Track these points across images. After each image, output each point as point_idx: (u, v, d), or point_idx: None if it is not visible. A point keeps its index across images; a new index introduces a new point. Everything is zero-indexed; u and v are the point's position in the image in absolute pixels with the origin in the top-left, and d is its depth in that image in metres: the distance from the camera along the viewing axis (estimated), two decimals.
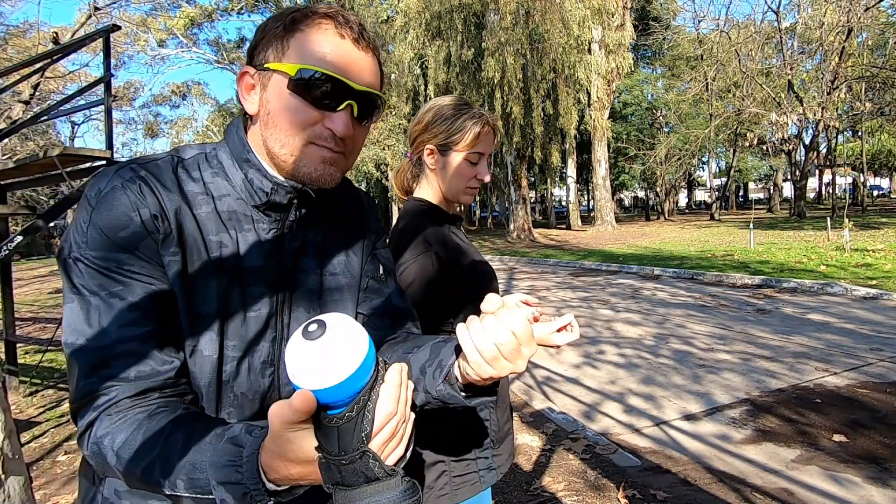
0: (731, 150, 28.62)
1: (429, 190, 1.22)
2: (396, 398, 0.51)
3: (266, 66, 0.68)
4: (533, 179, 32.49)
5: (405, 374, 0.54)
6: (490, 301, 0.61)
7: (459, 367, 0.65)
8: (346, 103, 0.68)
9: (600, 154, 22.52)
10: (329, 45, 0.67)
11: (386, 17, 23.14)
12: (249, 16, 27.02)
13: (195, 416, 0.62)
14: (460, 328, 0.61)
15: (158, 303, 0.64)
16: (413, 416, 0.56)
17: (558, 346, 1.02)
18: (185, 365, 0.67)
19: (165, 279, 0.66)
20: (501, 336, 0.58)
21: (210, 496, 0.54)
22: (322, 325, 0.46)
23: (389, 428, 0.51)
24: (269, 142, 0.70)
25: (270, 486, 0.52)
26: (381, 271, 0.88)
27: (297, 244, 0.76)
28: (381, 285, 0.87)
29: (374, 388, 0.49)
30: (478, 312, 1.18)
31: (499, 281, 1.36)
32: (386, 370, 0.51)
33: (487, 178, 1.21)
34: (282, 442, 0.49)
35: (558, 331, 1.01)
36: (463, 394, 0.67)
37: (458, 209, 1.31)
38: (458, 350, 0.65)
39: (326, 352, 0.45)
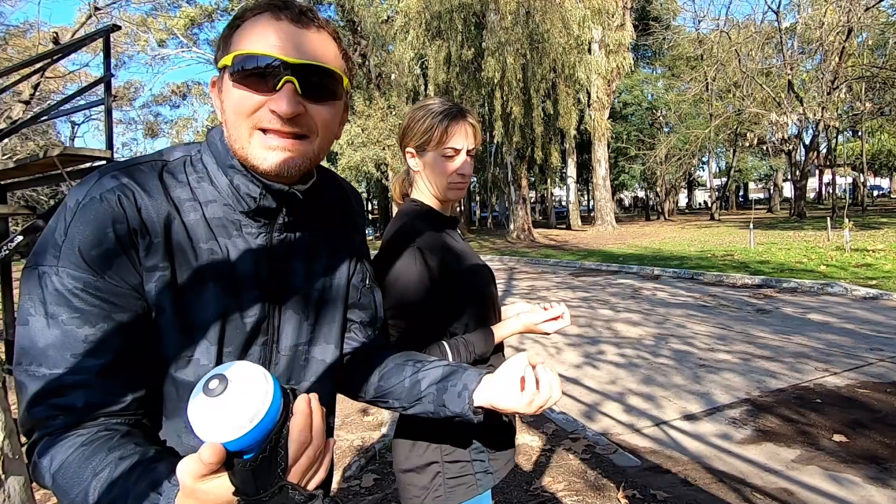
0: (731, 150, 28.64)
1: (421, 192, 1.24)
2: (308, 426, 0.53)
3: (220, 65, 0.68)
4: (533, 179, 32.46)
5: (315, 402, 0.56)
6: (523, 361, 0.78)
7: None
8: (283, 80, 0.64)
9: (600, 154, 22.53)
10: (265, 29, 0.65)
11: (386, 17, 23.13)
12: None
13: (130, 447, 0.60)
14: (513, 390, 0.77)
15: (119, 333, 0.62)
16: (332, 440, 0.60)
17: (548, 334, 1.17)
18: (143, 397, 0.65)
19: (136, 303, 0.63)
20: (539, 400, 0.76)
21: None
22: (223, 379, 0.47)
23: (306, 456, 0.53)
24: (231, 140, 0.68)
25: None
26: (368, 281, 0.91)
27: (285, 248, 0.76)
28: (370, 295, 0.91)
29: (284, 425, 0.50)
30: (476, 317, 1.20)
31: (499, 281, 1.36)
32: (294, 402, 0.53)
33: (467, 171, 1.20)
34: (197, 495, 0.49)
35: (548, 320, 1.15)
36: (476, 415, 0.80)
37: (458, 210, 1.32)
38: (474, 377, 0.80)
39: (230, 406, 0.46)
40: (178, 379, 0.67)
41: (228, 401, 0.47)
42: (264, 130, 0.66)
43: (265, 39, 0.65)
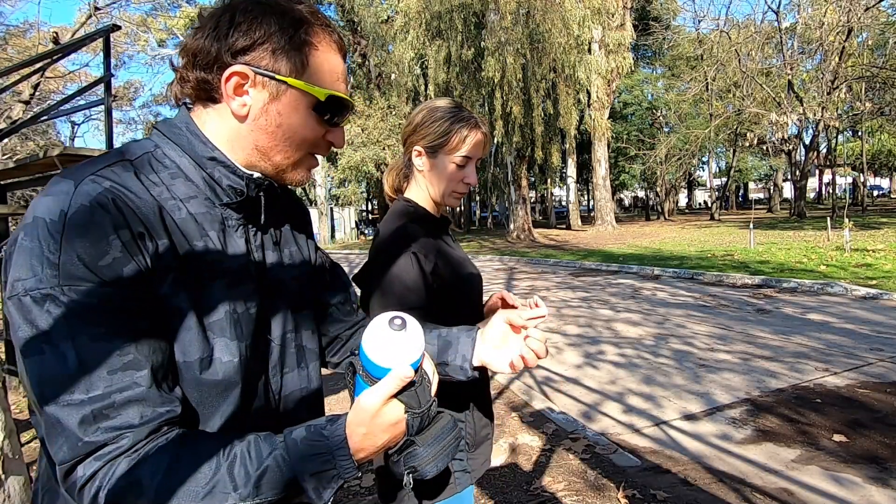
0: (731, 150, 28.62)
1: (417, 191, 1.24)
2: (430, 359, 0.70)
3: (281, 78, 0.67)
4: (533, 179, 32.47)
5: None
6: (517, 315, 0.92)
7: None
8: (346, 120, 0.75)
9: (600, 154, 22.51)
10: (338, 65, 0.72)
11: (386, 17, 23.15)
12: None
13: (233, 433, 0.62)
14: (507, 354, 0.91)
15: (149, 338, 0.60)
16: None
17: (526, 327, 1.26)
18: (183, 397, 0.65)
19: (153, 307, 0.61)
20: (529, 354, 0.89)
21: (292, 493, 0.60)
22: (402, 319, 0.62)
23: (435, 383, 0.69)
24: (272, 152, 0.71)
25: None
26: (328, 259, 0.95)
27: (261, 238, 0.77)
28: (336, 273, 0.95)
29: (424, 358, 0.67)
30: (459, 317, 1.21)
31: (499, 281, 1.38)
32: None
33: (474, 182, 1.22)
34: (380, 415, 0.61)
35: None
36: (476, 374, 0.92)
37: (458, 210, 1.33)
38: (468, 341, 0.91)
39: (412, 337, 0.62)
40: (202, 381, 0.65)
41: (410, 334, 0.62)
42: (312, 153, 0.75)
43: (341, 78, 0.72)
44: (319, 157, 0.78)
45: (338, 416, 0.63)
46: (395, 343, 0.61)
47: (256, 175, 0.72)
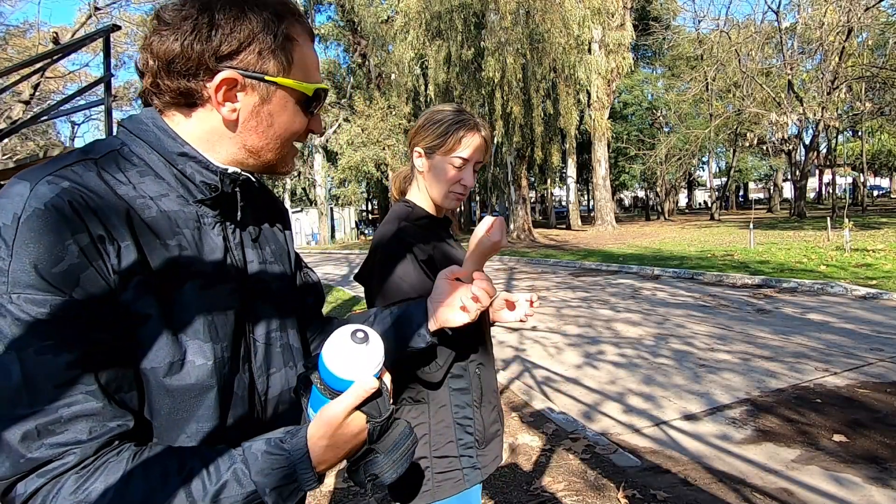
0: (731, 150, 28.64)
1: (417, 192, 1.26)
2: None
3: (271, 79, 0.66)
4: (533, 179, 32.44)
5: None
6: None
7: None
8: (322, 107, 0.77)
9: (600, 154, 22.52)
10: (315, 56, 0.73)
11: (386, 17, 23.16)
12: None
13: (185, 447, 0.61)
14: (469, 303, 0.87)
15: (104, 349, 0.56)
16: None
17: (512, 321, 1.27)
18: (139, 412, 0.62)
19: (112, 315, 0.58)
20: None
21: None
22: (364, 332, 0.63)
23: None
24: (263, 151, 0.71)
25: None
26: (303, 264, 0.95)
27: (239, 237, 0.74)
28: (308, 279, 0.95)
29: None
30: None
31: (499, 281, 1.38)
32: None
33: (470, 183, 1.23)
34: (343, 427, 0.61)
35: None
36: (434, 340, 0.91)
37: (458, 210, 1.33)
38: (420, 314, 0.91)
39: (374, 350, 0.63)
40: (172, 386, 0.62)
41: (373, 346, 0.63)
42: (294, 143, 0.76)
43: (318, 68, 0.74)
44: (318, 157, 0.79)
45: (297, 428, 0.62)
46: (358, 356, 0.61)
47: (231, 169, 0.70)
